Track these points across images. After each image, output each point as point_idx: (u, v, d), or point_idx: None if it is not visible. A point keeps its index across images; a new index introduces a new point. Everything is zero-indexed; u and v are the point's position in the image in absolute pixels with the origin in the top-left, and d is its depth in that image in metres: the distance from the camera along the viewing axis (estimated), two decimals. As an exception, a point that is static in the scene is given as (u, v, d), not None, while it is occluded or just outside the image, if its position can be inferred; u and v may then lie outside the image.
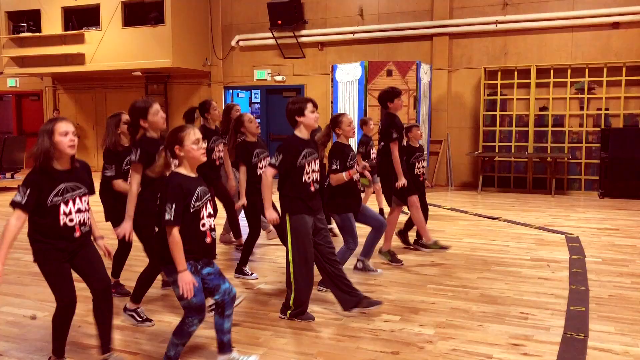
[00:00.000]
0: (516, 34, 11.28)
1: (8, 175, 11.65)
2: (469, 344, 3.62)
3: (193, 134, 3.03)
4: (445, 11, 11.66)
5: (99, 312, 3.17)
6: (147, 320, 4.01)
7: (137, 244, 4.19)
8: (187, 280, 2.95)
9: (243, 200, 4.99)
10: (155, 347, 3.61)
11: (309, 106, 3.92)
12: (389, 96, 5.50)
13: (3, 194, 10.56)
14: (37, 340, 3.62)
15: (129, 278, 4.68)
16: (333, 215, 4.74)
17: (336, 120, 4.63)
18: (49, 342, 3.61)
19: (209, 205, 3.12)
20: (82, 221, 3.06)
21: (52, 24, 13.78)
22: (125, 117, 4.41)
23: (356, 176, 4.64)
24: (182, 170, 3.06)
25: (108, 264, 5.32)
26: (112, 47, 13.20)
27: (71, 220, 3.00)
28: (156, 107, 3.96)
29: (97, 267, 3.15)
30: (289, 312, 4.07)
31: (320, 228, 4.04)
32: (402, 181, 5.43)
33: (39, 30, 14.00)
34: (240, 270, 5.20)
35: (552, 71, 10.89)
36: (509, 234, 7.14)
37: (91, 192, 3.18)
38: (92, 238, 3.20)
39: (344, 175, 4.48)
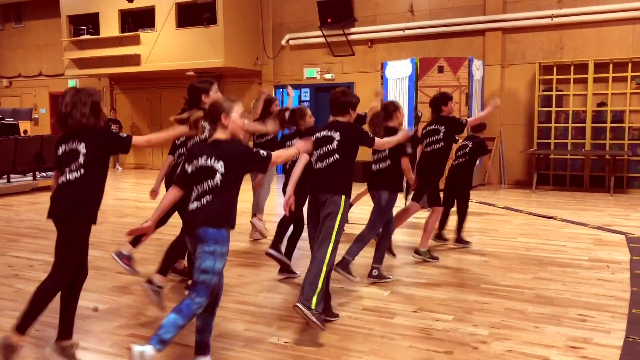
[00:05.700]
0: (573, 27, 10.93)
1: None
2: (524, 345, 3.55)
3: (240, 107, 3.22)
4: (498, 6, 11.42)
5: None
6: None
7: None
8: None
9: None
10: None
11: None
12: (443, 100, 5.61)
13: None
14: (100, 332, 3.77)
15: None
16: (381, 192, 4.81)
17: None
18: (111, 333, 3.76)
19: None
20: None
21: (109, 27, 14.27)
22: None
23: None
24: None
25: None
26: (166, 47, 13.55)
27: None
28: (215, 86, 4.37)
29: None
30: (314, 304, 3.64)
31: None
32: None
33: (98, 33, 14.53)
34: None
35: (611, 65, 10.50)
36: (565, 233, 6.95)
37: None
38: None
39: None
